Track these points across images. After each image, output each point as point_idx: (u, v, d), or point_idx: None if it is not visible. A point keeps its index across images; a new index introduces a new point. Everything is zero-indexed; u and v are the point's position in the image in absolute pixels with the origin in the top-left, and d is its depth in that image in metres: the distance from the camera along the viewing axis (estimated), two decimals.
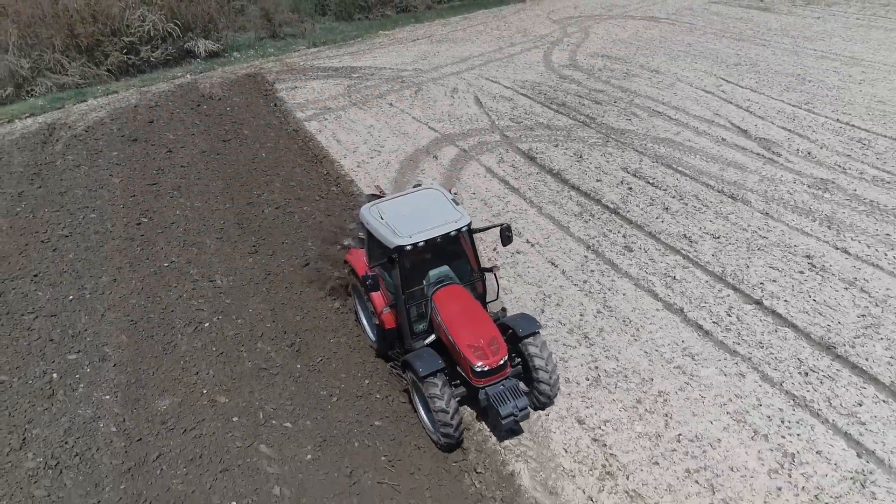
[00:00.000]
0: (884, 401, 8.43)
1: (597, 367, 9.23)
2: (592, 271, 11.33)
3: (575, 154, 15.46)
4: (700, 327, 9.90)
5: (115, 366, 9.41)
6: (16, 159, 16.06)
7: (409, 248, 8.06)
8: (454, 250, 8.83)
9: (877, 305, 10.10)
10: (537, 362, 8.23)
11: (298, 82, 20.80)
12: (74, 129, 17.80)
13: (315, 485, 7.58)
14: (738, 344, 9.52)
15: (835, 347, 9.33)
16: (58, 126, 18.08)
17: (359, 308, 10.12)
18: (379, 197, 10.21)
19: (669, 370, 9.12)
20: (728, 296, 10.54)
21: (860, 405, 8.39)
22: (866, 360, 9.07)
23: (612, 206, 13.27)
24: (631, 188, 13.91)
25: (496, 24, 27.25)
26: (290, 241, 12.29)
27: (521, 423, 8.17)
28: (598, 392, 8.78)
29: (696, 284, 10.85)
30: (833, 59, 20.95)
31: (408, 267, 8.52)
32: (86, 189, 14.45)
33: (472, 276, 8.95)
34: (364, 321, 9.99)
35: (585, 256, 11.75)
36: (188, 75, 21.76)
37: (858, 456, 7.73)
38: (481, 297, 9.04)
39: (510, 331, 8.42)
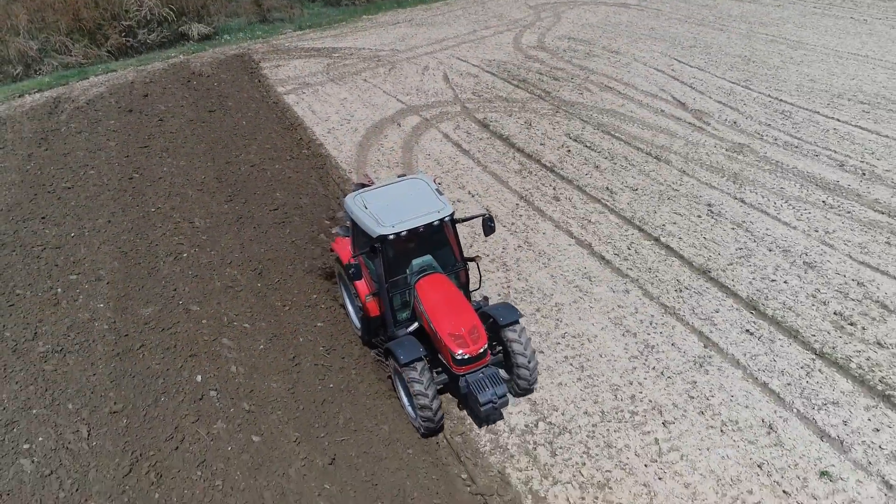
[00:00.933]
0: (737, 309, 10.35)
1: (508, 286, 11.18)
2: (521, 216, 13.27)
3: (525, 122, 17.38)
4: (602, 258, 11.83)
5: (107, 284, 11.48)
6: (26, 127, 18.17)
7: (391, 237, 8.26)
8: (437, 240, 8.98)
9: (754, 241, 11.99)
10: (517, 351, 8.48)
11: (282, 61, 22.83)
12: (77, 102, 19.89)
13: (264, 366, 9.60)
14: (631, 269, 11.45)
15: (709, 272, 11.25)
16: (62, 99, 20.18)
17: (344, 295, 10.54)
18: (366, 186, 10.46)
19: (568, 288, 11.07)
20: (632, 234, 12.46)
21: (717, 312, 10.31)
22: (732, 281, 10.98)
23: (549, 164, 15.19)
24: (569, 150, 15.82)
25: (475, 10, 29.13)
26: (262, 191, 14.31)
27: (500, 410, 8.47)
28: None
29: (607, 226, 12.77)
30: (781, 42, 22.70)
31: (391, 256, 8.69)
32: (86, 151, 16.53)
33: (455, 265, 9.14)
34: (349, 308, 10.41)
35: (517, 204, 13.69)
36: (181, 56, 23.84)
37: (704, 347, 9.66)
38: (464, 287, 9.28)
39: (491, 319, 8.61)
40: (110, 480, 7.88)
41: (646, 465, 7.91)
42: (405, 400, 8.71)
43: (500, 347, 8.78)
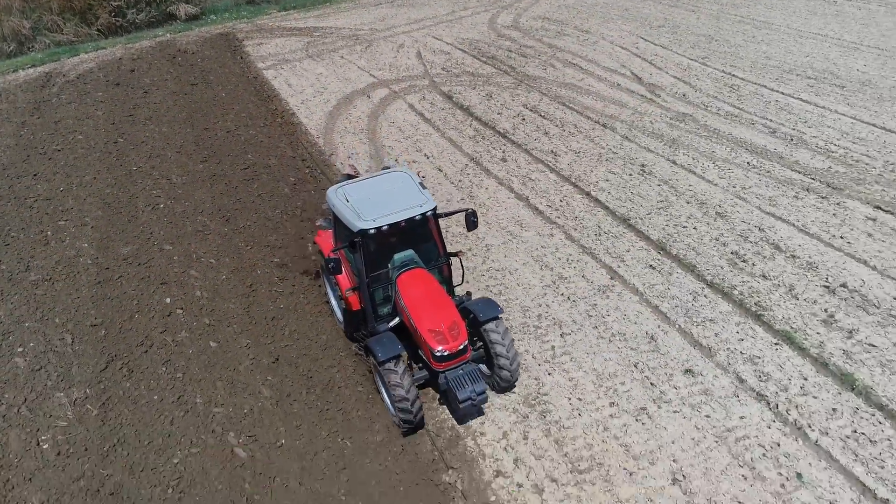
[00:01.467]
0: (646, 249, 12.14)
1: (447, 231, 12.99)
2: (468, 174, 15.10)
3: (487, 95, 19.19)
4: (535, 208, 13.63)
5: (92, 228, 13.41)
6: (20, 98, 20.17)
7: (372, 231, 8.44)
8: (419, 234, 9.16)
9: (675, 195, 13.76)
10: (498, 347, 8.74)
11: (264, 40, 24.74)
12: (68, 77, 21.87)
13: (225, 291, 11.50)
14: (559, 218, 13.25)
15: (629, 220, 13.04)
16: (54, 74, 22.17)
17: (328, 289, 10.87)
18: (353, 177, 11.00)
19: (500, 233, 12.89)
20: (567, 189, 14.26)
21: (627, 251, 12.11)
22: (647, 227, 12.77)
23: (502, 131, 17.00)
24: (524, 119, 17.62)
25: None
26: (235, 154, 16.22)
27: (478, 407, 8.87)
28: None
29: (545, 183, 14.58)
30: (748, 23, 24.39)
31: (372, 250, 8.89)
32: (75, 119, 18.49)
33: (438, 259, 9.37)
34: (333, 302, 10.71)
35: (466, 164, 15.52)
36: (168, 34, 25.80)
37: (611, 278, 11.45)
38: (447, 281, 9.55)
39: (471, 315, 8.83)
40: (89, 374, 9.79)
41: (539, 365, 9.73)
42: (385, 395, 8.97)
43: (481, 343, 9.06)
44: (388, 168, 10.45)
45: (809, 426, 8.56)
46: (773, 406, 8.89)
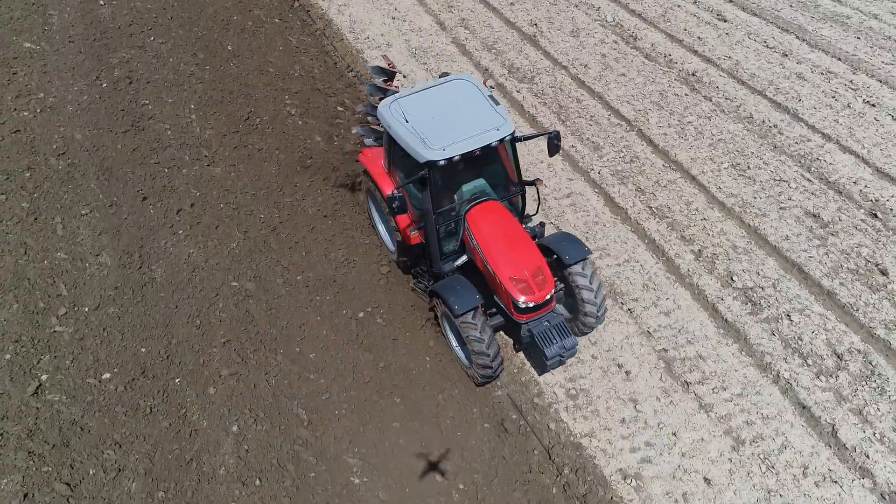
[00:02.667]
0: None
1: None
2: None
3: None
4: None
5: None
6: None
7: (442, 163, 7.68)
8: (492, 160, 8.50)
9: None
10: (585, 293, 8.20)
11: None
12: None
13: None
14: None
15: (585, 84, 15.18)
16: None
17: (373, 211, 10.19)
18: (386, 71, 10.21)
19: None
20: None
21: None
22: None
23: None
24: None
25: None
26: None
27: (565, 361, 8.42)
28: None
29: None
30: None
31: (438, 183, 8.20)
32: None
33: (512, 189, 8.80)
34: (380, 226, 10.11)
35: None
36: None
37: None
38: (518, 211, 8.98)
39: (554, 255, 8.25)
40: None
41: None
42: (455, 344, 8.71)
43: (562, 285, 8.59)
44: (448, 75, 9.60)
45: None
46: None
